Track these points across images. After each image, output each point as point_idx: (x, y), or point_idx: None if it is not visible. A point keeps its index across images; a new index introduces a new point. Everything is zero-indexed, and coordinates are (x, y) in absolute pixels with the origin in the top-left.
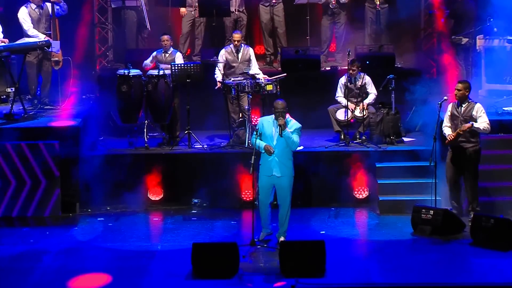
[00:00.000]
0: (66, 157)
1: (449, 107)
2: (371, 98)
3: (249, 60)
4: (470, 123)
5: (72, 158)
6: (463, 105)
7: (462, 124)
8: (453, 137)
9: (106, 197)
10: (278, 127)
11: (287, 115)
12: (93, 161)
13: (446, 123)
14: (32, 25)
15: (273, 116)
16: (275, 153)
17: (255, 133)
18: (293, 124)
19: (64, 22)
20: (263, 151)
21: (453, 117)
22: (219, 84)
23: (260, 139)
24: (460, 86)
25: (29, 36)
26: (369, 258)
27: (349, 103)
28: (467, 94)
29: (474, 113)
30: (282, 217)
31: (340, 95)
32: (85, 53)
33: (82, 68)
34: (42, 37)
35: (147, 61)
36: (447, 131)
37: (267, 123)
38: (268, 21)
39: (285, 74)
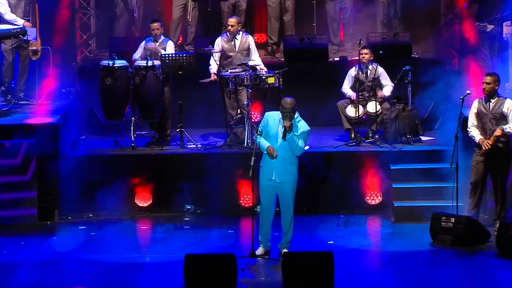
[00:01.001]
0: (43, 158)
1: (475, 103)
2: (388, 90)
3: (248, 50)
4: (500, 127)
5: (50, 159)
6: (492, 101)
7: (491, 123)
8: (489, 146)
9: (88, 203)
10: (283, 129)
11: (296, 114)
12: (73, 162)
13: (473, 121)
14: (9, 8)
15: (278, 112)
16: (277, 156)
17: (260, 129)
18: (301, 126)
19: (41, 7)
20: (265, 152)
21: (480, 115)
22: (214, 77)
23: (256, 137)
24: (488, 79)
25: (6, 22)
26: (382, 271)
27: (352, 97)
28: (496, 88)
29: (504, 110)
30: (285, 226)
31: (346, 87)
32: (64, 41)
33: (61, 59)
34: (21, 23)
35: (137, 54)
36: (475, 133)
37: (272, 120)
38: (276, 5)
39: (286, 68)
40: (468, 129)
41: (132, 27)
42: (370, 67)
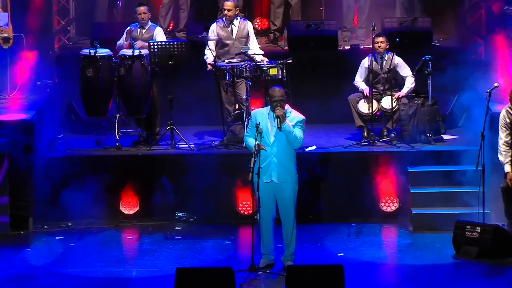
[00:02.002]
0: (16, 160)
1: (503, 113)
2: (410, 81)
3: (247, 37)
4: None
5: (24, 160)
6: None
7: None
8: None
9: (67, 210)
10: (276, 120)
11: (287, 106)
12: (50, 164)
13: (504, 138)
14: None
15: (268, 107)
16: (273, 153)
17: (248, 130)
18: (294, 116)
19: None
20: (255, 152)
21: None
22: (209, 67)
23: (256, 136)
24: None
25: None
26: (400, 287)
27: (365, 91)
28: None
29: None
30: (287, 236)
31: (358, 80)
32: (40, 27)
33: (37, 47)
34: None
35: (122, 41)
36: (506, 158)
37: (261, 116)
38: None
39: (290, 58)
40: (499, 148)
41: (114, 10)
42: (385, 56)
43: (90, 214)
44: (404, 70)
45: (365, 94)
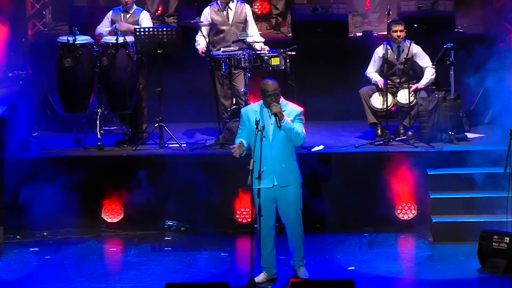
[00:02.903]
0: None
1: None
2: (429, 72)
3: (245, 22)
4: None
5: None
6: None
7: None
8: None
9: (43, 218)
10: (274, 117)
11: (281, 98)
12: (23, 166)
13: None
14: None
15: (260, 103)
16: (273, 155)
17: (239, 131)
18: (291, 109)
19: None
20: (243, 155)
21: None
22: (202, 54)
23: (256, 134)
24: None
25: None
26: None
27: (379, 83)
28: None
29: None
30: (295, 239)
31: (371, 71)
32: (11, 12)
33: (8, 34)
34: None
35: (102, 27)
36: None
37: (253, 113)
38: None
39: (294, 46)
40: None
41: None
42: (402, 45)
43: (68, 222)
44: (423, 60)
45: (380, 87)
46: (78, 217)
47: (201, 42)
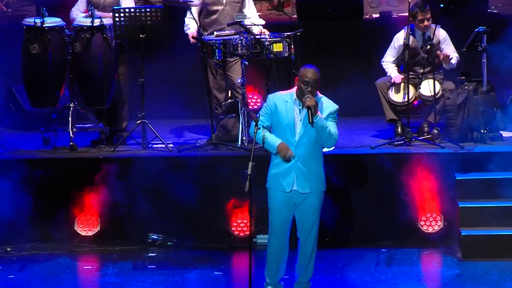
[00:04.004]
0: None
1: None
2: (455, 59)
3: (241, 2)
4: None
5: None
6: None
7: None
8: None
9: (5, 231)
10: (305, 112)
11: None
12: None
13: None
14: None
15: (292, 94)
16: (298, 155)
17: (257, 122)
18: (326, 105)
19: None
20: (275, 152)
21: None
22: (192, 39)
23: (255, 133)
24: None
25: None
26: None
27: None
28: None
29: None
30: (305, 257)
31: (390, 59)
32: None
33: None
34: None
35: (77, 10)
36: None
37: (283, 104)
38: None
39: (300, 30)
40: None
41: None
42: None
43: (36, 236)
44: (449, 48)
45: (394, 82)
46: (47, 230)
47: (191, 26)
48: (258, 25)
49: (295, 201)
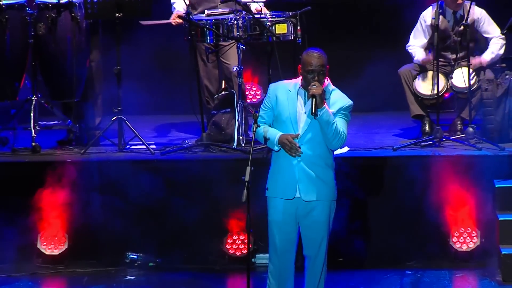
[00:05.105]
0: None
1: None
2: (495, 47)
3: None
4: None
5: None
6: None
7: None
8: None
9: None
10: (311, 101)
11: (327, 81)
12: None
13: None
14: None
15: (297, 83)
16: (301, 156)
17: (257, 118)
18: (337, 98)
19: None
20: (277, 149)
21: None
22: (176, 20)
23: (253, 130)
24: None
25: None
26: None
27: (426, 61)
28: None
29: None
30: (313, 282)
31: (415, 43)
32: None
33: None
34: None
35: None
36: None
37: (285, 93)
38: None
39: (308, 8)
40: None
41: None
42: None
43: None
44: (489, 27)
45: (423, 63)
46: (6, 249)
47: (177, 3)
48: (257, 2)
49: (299, 212)
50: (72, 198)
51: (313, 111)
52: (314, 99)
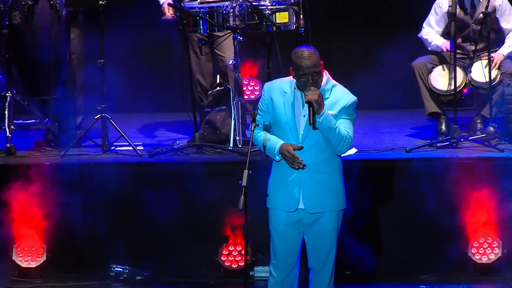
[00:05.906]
0: None
1: None
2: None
3: None
4: None
5: None
6: None
7: None
8: None
9: None
10: (308, 108)
11: (325, 76)
12: None
13: None
14: None
15: (293, 82)
16: (305, 167)
17: (255, 116)
18: (340, 95)
19: None
20: (278, 159)
21: None
22: (168, 11)
23: (251, 133)
24: None
25: None
26: None
27: (442, 51)
28: None
29: None
30: None
31: (430, 31)
32: None
33: None
34: None
35: None
36: None
37: (280, 95)
38: None
39: None
40: None
41: None
42: None
43: None
44: (509, 17)
45: (444, 50)
46: None
47: None
48: None
49: (304, 222)
50: (51, 205)
51: (311, 122)
52: (311, 107)
